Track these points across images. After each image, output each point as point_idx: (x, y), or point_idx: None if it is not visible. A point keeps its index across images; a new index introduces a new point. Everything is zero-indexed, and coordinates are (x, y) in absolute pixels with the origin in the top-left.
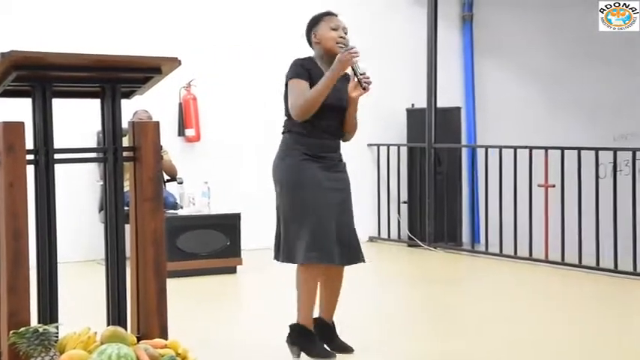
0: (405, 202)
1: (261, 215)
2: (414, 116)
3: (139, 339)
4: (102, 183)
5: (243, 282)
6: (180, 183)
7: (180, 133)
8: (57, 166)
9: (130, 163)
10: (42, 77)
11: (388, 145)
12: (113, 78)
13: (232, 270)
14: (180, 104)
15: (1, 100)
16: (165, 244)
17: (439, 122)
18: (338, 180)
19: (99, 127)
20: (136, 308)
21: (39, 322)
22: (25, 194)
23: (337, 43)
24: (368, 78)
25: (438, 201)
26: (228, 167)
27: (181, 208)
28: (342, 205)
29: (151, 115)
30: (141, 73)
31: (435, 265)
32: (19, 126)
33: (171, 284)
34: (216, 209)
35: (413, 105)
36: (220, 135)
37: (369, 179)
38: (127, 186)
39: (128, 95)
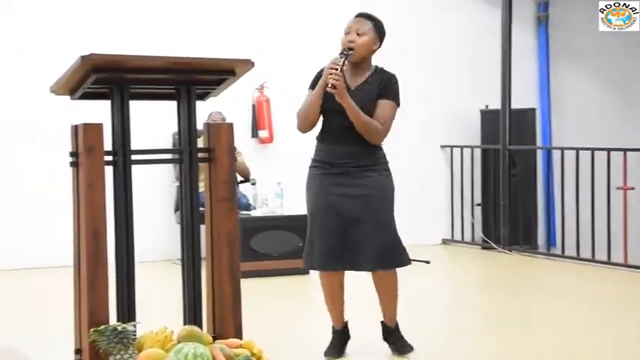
0: (478, 205)
1: None
2: (488, 118)
3: (214, 338)
4: (177, 184)
5: (316, 283)
6: (254, 184)
7: (254, 134)
8: (134, 167)
9: (205, 164)
10: (120, 80)
11: (462, 147)
12: (188, 80)
13: (305, 271)
14: (253, 106)
15: (79, 102)
16: (239, 244)
17: (514, 124)
18: (353, 186)
19: (174, 129)
20: (212, 308)
21: (117, 321)
22: (103, 194)
23: (343, 48)
24: (334, 75)
25: (513, 203)
26: (301, 168)
27: (254, 209)
28: (356, 212)
29: (225, 116)
30: (215, 75)
31: (509, 268)
32: (99, 127)
33: (245, 284)
34: (289, 210)
35: (487, 106)
36: (293, 136)
37: (442, 181)
38: (202, 187)
39: (203, 97)
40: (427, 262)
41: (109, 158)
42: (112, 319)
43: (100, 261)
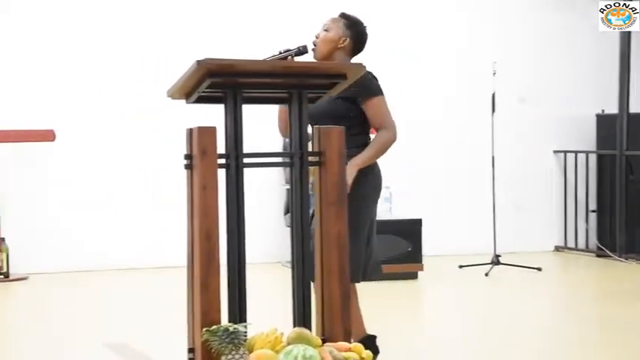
0: (593, 211)
1: (443, 221)
2: (605, 122)
3: (323, 341)
4: (287, 187)
5: (425, 288)
6: None
7: None
8: (245, 170)
9: (315, 167)
10: (234, 84)
11: (576, 152)
12: (300, 84)
13: (413, 276)
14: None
15: (192, 106)
16: (348, 248)
17: (632, 128)
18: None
19: None
20: (321, 311)
21: (229, 321)
22: (216, 196)
23: None
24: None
25: (630, 210)
26: (410, 172)
27: None
28: (314, 219)
29: None
30: (327, 79)
31: (624, 278)
32: (212, 131)
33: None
34: (398, 214)
35: (603, 111)
36: (403, 139)
37: (555, 187)
38: (312, 189)
39: (314, 101)
40: (538, 269)
41: (222, 161)
42: (224, 319)
43: (213, 262)
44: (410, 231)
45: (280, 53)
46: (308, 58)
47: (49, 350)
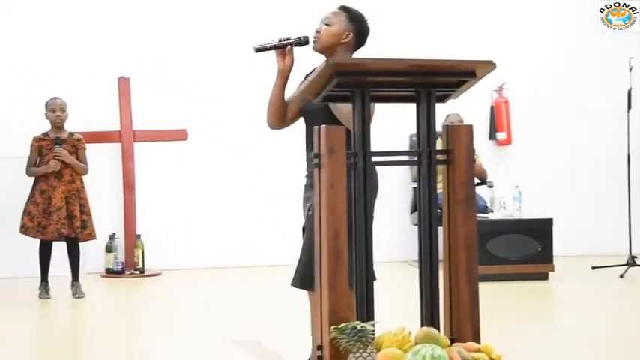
0: None
1: (574, 221)
2: None
3: (451, 341)
4: (414, 185)
5: (555, 289)
6: (491, 187)
7: (491, 136)
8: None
9: (443, 166)
10: (361, 83)
11: None
12: (428, 82)
13: (544, 276)
14: (491, 107)
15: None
16: (477, 247)
17: None
18: (309, 198)
19: (411, 131)
20: (449, 310)
21: (356, 319)
22: (344, 195)
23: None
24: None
25: None
26: (540, 171)
27: (492, 212)
28: (305, 224)
29: (462, 118)
30: (455, 77)
31: None
32: (340, 130)
33: (482, 288)
34: (528, 214)
35: None
36: (533, 138)
37: None
38: (439, 188)
39: (442, 99)
40: None
41: (350, 160)
42: (352, 317)
43: (341, 260)
44: (540, 231)
45: (280, 41)
46: (307, 50)
47: (178, 345)
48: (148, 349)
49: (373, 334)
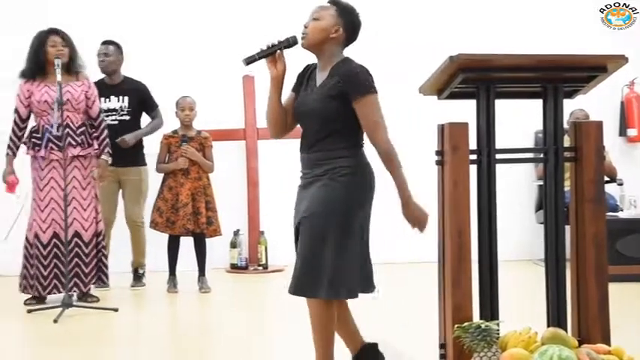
0: None
1: None
2: None
3: (579, 342)
4: (539, 183)
5: None
6: (620, 184)
7: (622, 132)
8: (496, 166)
9: (570, 163)
10: (486, 79)
11: None
12: (556, 78)
13: None
14: (621, 103)
15: (444, 102)
16: (606, 247)
17: None
18: (303, 199)
19: (536, 127)
20: (577, 311)
21: (480, 318)
22: (468, 193)
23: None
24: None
25: None
26: None
27: (622, 210)
28: (300, 227)
29: (588, 114)
30: (584, 72)
31: None
32: (464, 127)
33: (611, 289)
34: None
35: None
36: None
37: None
38: (566, 186)
39: (570, 95)
40: None
41: (474, 157)
42: (475, 316)
43: (464, 258)
44: None
45: (268, 47)
46: (297, 49)
47: (300, 341)
48: (271, 343)
49: (498, 334)
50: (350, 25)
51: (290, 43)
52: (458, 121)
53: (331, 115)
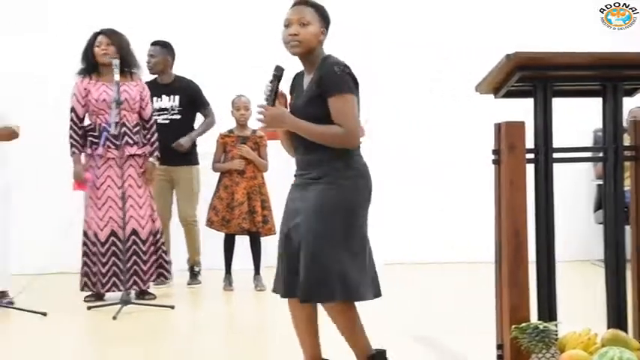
0: None
1: None
2: None
3: None
4: (598, 182)
5: None
6: None
7: None
8: (554, 165)
9: (630, 162)
10: (544, 77)
11: None
12: (615, 76)
13: None
14: None
15: (500, 101)
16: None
17: None
18: (298, 200)
19: (593, 126)
20: (638, 313)
21: (538, 319)
22: (524, 192)
23: (286, 43)
24: (259, 113)
25: None
26: None
27: None
28: (297, 228)
29: None
30: None
31: None
32: (520, 126)
33: None
34: None
35: None
36: None
37: None
38: (626, 185)
39: (630, 93)
40: None
41: (531, 156)
42: (533, 317)
43: (521, 259)
44: None
45: (271, 92)
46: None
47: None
48: (327, 341)
49: (556, 335)
50: (329, 23)
51: (280, 75)
52: (515, 120)
53: (319, 115)
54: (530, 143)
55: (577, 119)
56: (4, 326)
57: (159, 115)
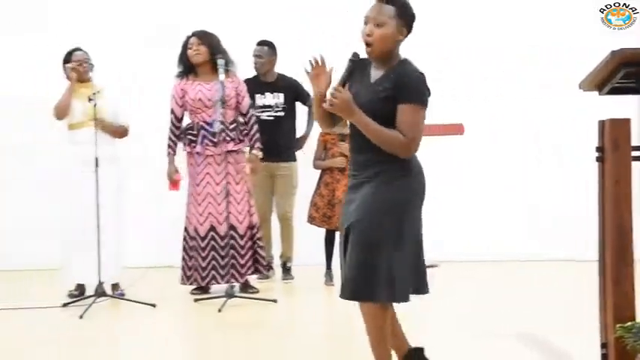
0: None
1: None
2: None
3: None
4: None
5: None
6: None
7: None
8: None
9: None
10: None
11: None
12: None
13: None
14: None
15: (605, 98)
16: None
17: None
18: (353, 201)
19: None
20: None
21: None
22: (629, 190)
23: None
24: (332, 96)
25: None
26: None
27: None
28: (351, 230)
29: None
30: None
31: None
32: (626, 123)
33: None
34: None
35: None
36: None
37: None
38: None
39: None
40: None
41: (637, 154)
42: (639, 316)
43: (626, 257)
44: None
45: (344, 77)
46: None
47: (457, 336)
48: (432, 338)
49: None
50: (411, 21)
51: (356, 61)
52: (620, 117)
53: (383, 116)
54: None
55: None
56: (115, 316)
57: (262, 112)
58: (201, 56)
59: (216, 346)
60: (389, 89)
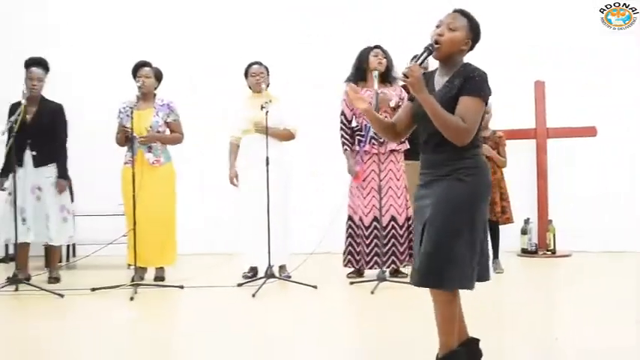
0: None
1: None
2: None
3: None
4: None
5: None
6: None
7: None
8: None
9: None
10: None
11: None
12: None
13: None
14: None
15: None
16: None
17: None
18: (427, 197)
19: None
20: None
21: None
22: None
23: (431, 40)
24: (409, 70)
25: None
26: None
27: None
28: (426, 225)
29: None
30: None
31: None
32: None
33: None
34: None
35: None
36: None
37: None
38: None
39: None
40: None
41: None
42: None
43: None
44: None
45: (420, 57)
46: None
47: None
48: (561, 322)
49: None
50: (476, 39)
51: (432, 50)
52: None
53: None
54: None
55: None
56: (283, 295)
57: None
58: (382, 67)
59: (370, 323)
60: (456, 87)
